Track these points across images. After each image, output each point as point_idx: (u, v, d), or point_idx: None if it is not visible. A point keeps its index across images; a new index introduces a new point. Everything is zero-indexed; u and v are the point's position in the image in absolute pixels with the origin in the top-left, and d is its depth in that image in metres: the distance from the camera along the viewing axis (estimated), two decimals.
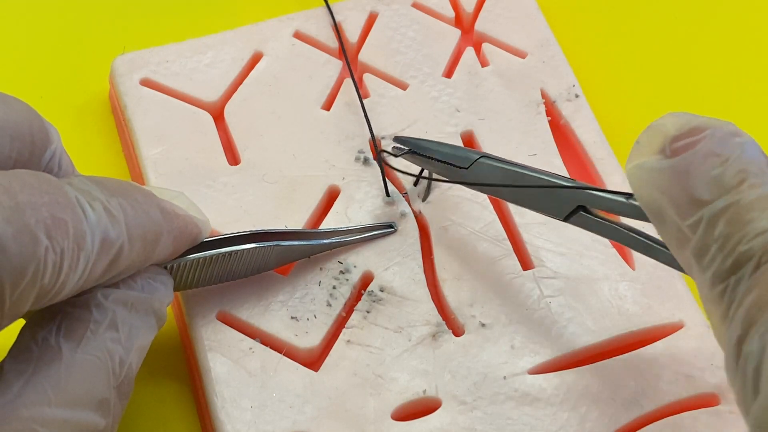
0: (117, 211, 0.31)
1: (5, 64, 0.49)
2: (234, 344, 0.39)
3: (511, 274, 0.41)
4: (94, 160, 0.47)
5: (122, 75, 0.46)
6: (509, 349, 0.39)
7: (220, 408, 0.37)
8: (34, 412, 0.29)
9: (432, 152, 0.41)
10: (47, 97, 0.48)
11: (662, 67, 0.50)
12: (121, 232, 0.31)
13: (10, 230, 0.27)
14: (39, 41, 0.50)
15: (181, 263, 0.37)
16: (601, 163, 0.44)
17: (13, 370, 0.30)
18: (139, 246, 0.32)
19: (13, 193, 0.28)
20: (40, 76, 0.49)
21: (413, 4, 0.49)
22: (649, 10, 0.52)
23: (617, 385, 0.39)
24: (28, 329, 0.32)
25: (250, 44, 0.47)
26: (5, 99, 0.33)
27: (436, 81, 0.47)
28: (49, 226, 0.28)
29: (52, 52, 0.50)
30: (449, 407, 0.38)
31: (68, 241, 0.29)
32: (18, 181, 0.29)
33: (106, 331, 0.32)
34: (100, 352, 0.32)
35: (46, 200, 0.29)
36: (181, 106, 0.45)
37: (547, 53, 0.48)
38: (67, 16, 0.51)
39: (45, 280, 0.29)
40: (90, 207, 0.30)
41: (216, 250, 0.37)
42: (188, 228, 0.36)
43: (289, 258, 0.40)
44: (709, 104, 0.49)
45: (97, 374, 0.31)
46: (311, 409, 0.38)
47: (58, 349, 0.31)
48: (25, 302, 0.29)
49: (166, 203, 0.35)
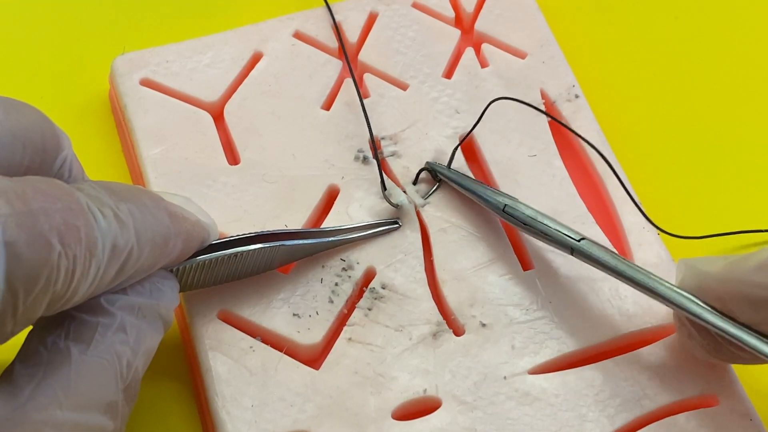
0: (126, 216, 0.31)
1: (6, 64, 0.49)
2: (235, 343, 0.39)
3: (511, 274, 0.41)
4: (94, 160, 0.46)
5: (122, 75, 0.46)
6: (510, 349, 0.39)
7: (221, 407, 0.37)
8: (45, 415, 0.29)
9: (463, 187, 0.42)
10: (47, 97, 0.48)
11: (662, 67, 0.50)
12: (130, 238, 0.31)
13: (24, 236, 0.28)
14: (39, 41, 0.50)
15: (187, 265, 0.37)
16: (601, 164, 0.44)
17: (24, 374, 0.30)
18: (148, 250, 0.32)
19: (26, 200, 0.28)
20: (41, 76, 0.49)
21: (413, 4, 0.49)
22: (649, 11, 0.53)
23: (617, 385, 0.39)
24: (36, 334, 0.32)
25: (250, 44, 0.47)
26: (17, 106, 0.33)
27: (436, 81, 0.47)
28: (63, 233, 0.29)
29: (53, 51, 0.50)
30: (449, 407, 0.38)
31: (81, 247, 0.29)
32: (31, 187, 0.29)
33: (115, 333, 0.32)
34: (108, 355, 0.32)
35: (59, 207, 0.29)
36: (181, 106, 0.45)
37: (547, 54, 0.48)
38: (68, 15, 0.51)
39: (58, 286, 0.29)
40: (101, 213, 0.30)
41: (222, 252, 0.37)
42: (196, 231, 0.36)
43: (294, 257, 0.40)
44: (709, 105, 0.49)
45: (106, 377, 0.31)
46: (312, 407, 0.38)
47: (68, 352, 0.31)
48: (38, 308, 0.29)
49: (175, 207, 0.35)
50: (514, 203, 0.40)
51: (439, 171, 0.43)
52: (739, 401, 0.38)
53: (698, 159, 0.47)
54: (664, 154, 0.47)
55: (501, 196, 0.41)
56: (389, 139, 0.45)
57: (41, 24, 0.51)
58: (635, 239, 0.42)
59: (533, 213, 0.40)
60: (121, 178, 0.46)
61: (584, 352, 0.40)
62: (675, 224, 0.44)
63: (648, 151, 0.47)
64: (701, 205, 0.46)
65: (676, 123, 0.49)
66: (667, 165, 0.47)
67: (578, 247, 0.38)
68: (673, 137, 0.48)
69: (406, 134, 0.45)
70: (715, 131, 0.48)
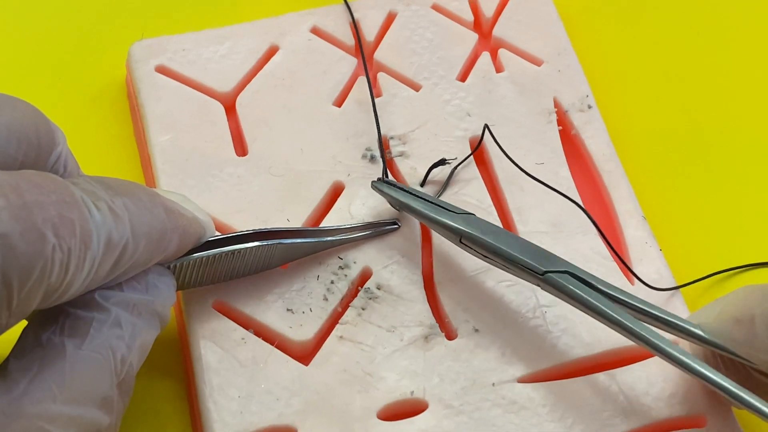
0: (121, 210, 0.31)
1: (28, 42, 0.50)
2: (227, 334, 0.39)
3: (509, 281, 0.41)
4: (107, 143, 0.47)
5: (138, 60, 0.46)
6: (500, 356, 0.39)
7: (208, 395, 0.38)
8: (41, 409, 0.30)
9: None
10: (66, 78, 0.49)
11: (678, 84, 0.50)
12: (125, 231, 0.31)
13: (18, 228, 0.28)
14: (62, 21, 0.51)
15: (184, 262, 0.37)
16: (608, 176, 0.44)
17: (18, 369, 0.30)
18: (143, 245, 0.32)
19: (20, 192, 0.28)
20: (61, 56, 0.50)
21: (433, 6, 0.49)
22: (673, 26, 0.52)
23: (605, 399, 0.38)
24: (30, 330, 0.32)
25: (267, 37, 0.48)
26: (12, 102, 0.33)
27: (449, 84, 0.47)
28: (57, 225, 0.29)
29: (75, 33, 0.50)
30: (435, 410, 0.38)
31: (75, 240, 0.29)
32: (25, 180, 0.29)
33: (110, 328, 0.32)
34: (103, 350, 0.32)
35: (53, 199, 0.29)
36: (194, 94, 0.46)
37: (564, 62, 0.48)
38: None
39: (52, 279, 0.29)
40: (95, 207, 0.30)
41: (219, 249, 0.38)
42: (192, 227, 0.36)
43: (292, 256, 0.40)
44: (722, 129, 0.48)
45: (101, 372, 0.32)
46: (298, 402, 0.38)
47: (62, 347, 0.31)
48: (33, 301, 0.29)
49: (170, 202, 0.35)
50: (472, 229, 0.39)
51: (380, 189, 0.42)
52: (727, 423, 0.38)
53: (706, 177, 0.47)
54: (673, 170, 0.47)
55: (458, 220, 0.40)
56: (398, 139, 0.45)
57: (65, 5, 0.51)
58: (637, 254, 0.42)
59: (493, 239, 0.38)
60: (131, 163, 0.46)
61: (575, 364, 0.39)
62: (679, 240, 0.44)
63: (657, 166, 0.47)
64: (707, 223, 0.46)
65: (688, 141, 0.48)
66: (676, 181, 0.47)
67: (544, 279, 0.37)
68: (684, 155, 0.48)
69: (416, 135, 0.45)
70: (725, 155, 0.48)
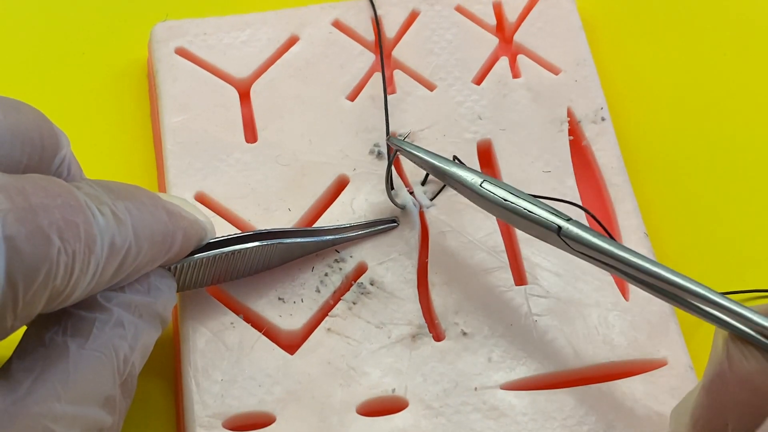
0: (124, 214, 0.32)
1: (53, 17, 0.51)
2: (217, 317, 0.39)
3: (503, 287, 0.41)
4: (123, 121, 0.48)
5: (159, 42, 0.47)
6: (486, 361, 0.39)
7: (191, 376, 0.38)
8: (44, 408, 0.30)
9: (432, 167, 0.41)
10: (88, 54, 0.50)
11: (697, 104, 0.49)
12: (128, 235, 0.32)
13: (23, 231, 0.28)
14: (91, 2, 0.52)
15: (184, 263, 0.37)
16: (615, 189, 0.44)
17: (22, 369, 0.31)
18: (146, 248, 0.33)
19: (26, 195, 0.29)
20: (88, 36, 0.50)
21: (456, 7, 0.49)
22: (695, 46, 0.51)
23: (587, 413, 0.38)
24: (33, 331, 0.32)
25: (288, 27, 0.48)
26: (17, 106, 0.34)
27: (464, 86, 0.46)
28: (62, 228, 0.29)
29: (103, 13, 0.51)
30: (415, 410, 0.38)
31: (80, 243, 0.30)
32: (30, 183, 0.29)
33: (113, 329, 0.33)
34: (106, 350, 0.32)
35: (58, 203, 0.29)
36: (210, 78, 0.46)
37: (582, 73, 0.47)
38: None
39: (57, 282, 0.29)
40: (99, 211, 0.31)
41: (219, 250, 0.38)
42: (194, 229, 0.36)
43: (291, 255, 0.41)
44: (741, 159, 0.48)
45: (103, 371, 0.32)
46: (280, 390, 0.38)
47: (65, 347, 0.31)
48: (38, 304, 0.29)
49: (172, 205, 0.35)
50: (493, 180, 0.38)
51: (399, 146, 0.41)
52: None
53: (715, 200, 0.46)
54: (683, 190, 0.46)
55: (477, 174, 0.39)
56: (406, 137, 0.45)
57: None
58: None
59: (514, 190, 0.38)
60: (145, 142, 0.47)
61: (561, 375, 0.39)
62: (682, 260, 0.44)
63: (667, 184, 0.46)
64: (712, 245, 0.45)
65: (701, 161, 0.47)
66: (685, 201, 0.46)
67: (566, 229, 0.36)
68: (696, 175, 0.47)
69: (424, 134, 0.45)
70: (736, 183, 0.47)
